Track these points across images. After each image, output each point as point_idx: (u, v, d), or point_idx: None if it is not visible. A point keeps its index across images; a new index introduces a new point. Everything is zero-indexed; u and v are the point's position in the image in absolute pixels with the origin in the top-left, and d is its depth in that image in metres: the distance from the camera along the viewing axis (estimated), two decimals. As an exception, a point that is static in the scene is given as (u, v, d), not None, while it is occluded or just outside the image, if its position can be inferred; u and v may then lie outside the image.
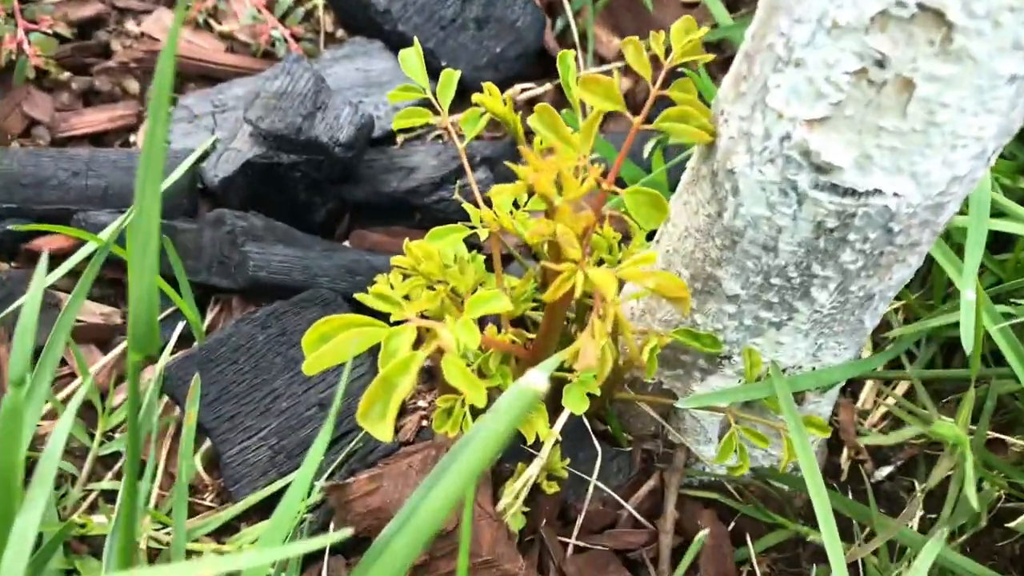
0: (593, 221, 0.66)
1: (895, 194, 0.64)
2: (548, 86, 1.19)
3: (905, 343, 0.91)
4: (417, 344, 0.61)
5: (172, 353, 0.98)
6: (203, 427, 0.94)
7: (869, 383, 1.01)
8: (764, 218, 0.69)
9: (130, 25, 1.22)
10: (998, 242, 0.98)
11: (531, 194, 0.86)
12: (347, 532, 0.51)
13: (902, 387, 1.00)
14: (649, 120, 0.71)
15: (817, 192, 0.65)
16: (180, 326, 0.97)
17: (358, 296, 0.70)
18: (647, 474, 0.92)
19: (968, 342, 0.71)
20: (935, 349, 0.99)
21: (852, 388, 1.02)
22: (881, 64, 0.56)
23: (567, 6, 1.26)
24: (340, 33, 1.24)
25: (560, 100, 1.20)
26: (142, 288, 0.50)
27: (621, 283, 0.99)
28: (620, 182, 0.78)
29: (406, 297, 0.81)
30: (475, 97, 0.76)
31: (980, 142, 0.61)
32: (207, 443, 0.95)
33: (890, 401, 0.99)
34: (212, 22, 1.22)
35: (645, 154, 1.02)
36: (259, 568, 0.52)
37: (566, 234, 0.63)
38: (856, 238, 0.68)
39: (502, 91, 0.83)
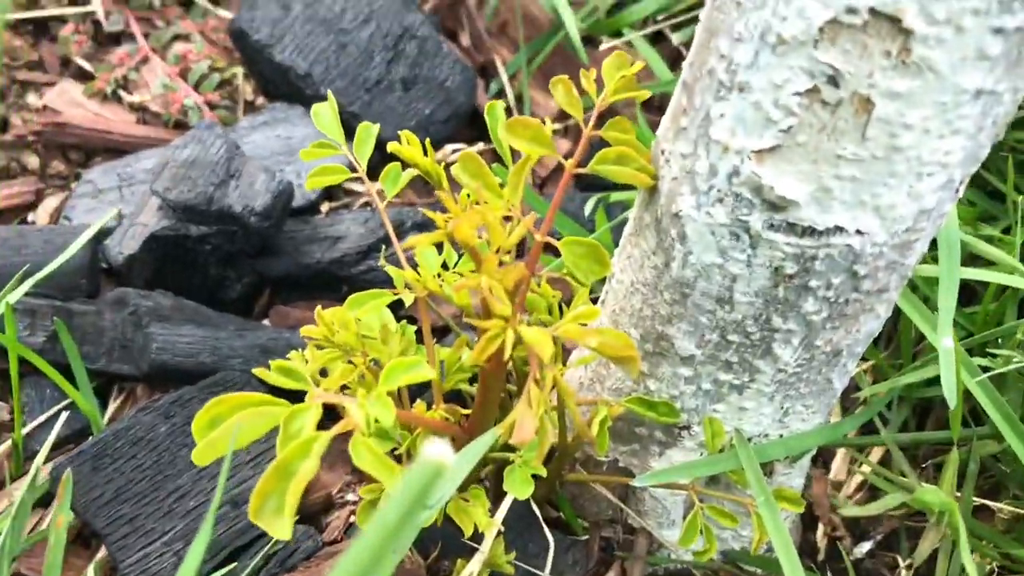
0: (525, 275, 0.59)
1: (858, 232, 0.57)
2: (481, 146, 1.13)
3: (878, 405, 0.84)
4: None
5: (66, 451, 0.87)
6: (97, 532, 0.82)
7: (841, 451, 0.94)
8: (716, 266, 0.62)
9: (31, 98, 1.14)
10: (965, 293, 0.92)
11: (462, 254, 0.78)
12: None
13: (876, 453, 0.93)
14: (584, 165, 0.64)
15: (772, 233, 0.58)
16: (63, 418, 0.86)
17: (256, 372, 0.61)
18: (607, 564, 0.86)
19: (951, 395, 0.64)
20: (907, 411, 0.93)
21: (823, 457, 0.95)
22: (834, 81, 0.50)
23: (501, 68, 1.22)
24: (260, 100, 1.17)
25: (494, 161, 1.14)
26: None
27: (567, 351, 0.91)
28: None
29: (322, 373, 0.72)
30: (391, 147, 0.68)
31: (947, 169, 0.55)
32: (103, 551, 0.83)
33: (865, 469, 0.91)
34: (123, 93, 1.14)
35: (587, 212, 0.95)
36: None
37: (493, 288, 0.55)
38: (818, 284, 0.61)
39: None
